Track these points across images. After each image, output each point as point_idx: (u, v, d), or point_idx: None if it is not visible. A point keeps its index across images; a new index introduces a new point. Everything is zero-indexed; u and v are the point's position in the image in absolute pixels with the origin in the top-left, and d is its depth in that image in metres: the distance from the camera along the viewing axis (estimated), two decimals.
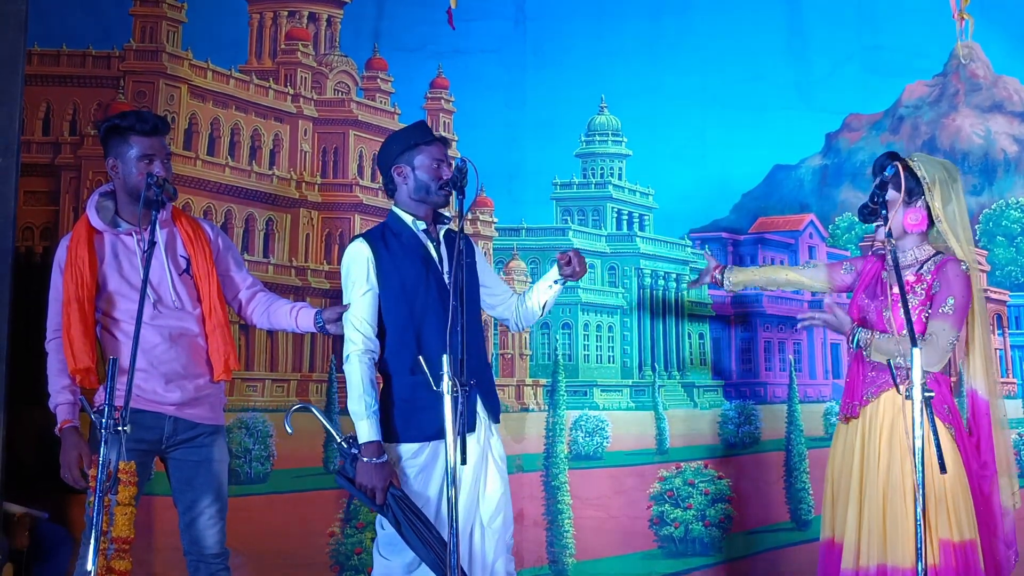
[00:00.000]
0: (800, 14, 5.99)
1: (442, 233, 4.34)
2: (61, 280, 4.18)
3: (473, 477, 4.16)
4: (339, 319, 4.33)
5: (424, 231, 4.29)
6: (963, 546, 4.04)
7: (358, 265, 4.26)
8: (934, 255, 4.25)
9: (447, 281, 4.20)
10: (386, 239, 4.31)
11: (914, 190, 4.24)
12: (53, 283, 4.23)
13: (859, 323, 4.30)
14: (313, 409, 4.44)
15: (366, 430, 4.15)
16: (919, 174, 4.24)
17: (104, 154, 4.30)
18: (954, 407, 4.20)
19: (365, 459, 4.11)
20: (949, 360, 4.27)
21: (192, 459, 4.28)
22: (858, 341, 4.18)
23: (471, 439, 4.08)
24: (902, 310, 4.13)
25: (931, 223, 4.28)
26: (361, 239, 4.32)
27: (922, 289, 4.18)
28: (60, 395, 4.15)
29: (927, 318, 4.15)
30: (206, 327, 4.31)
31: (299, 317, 4.49)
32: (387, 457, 4.15)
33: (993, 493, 4.20)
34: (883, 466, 4.12)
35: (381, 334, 4.26)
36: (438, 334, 4.09)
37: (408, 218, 4.31)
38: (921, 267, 4.25)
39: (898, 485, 4.06)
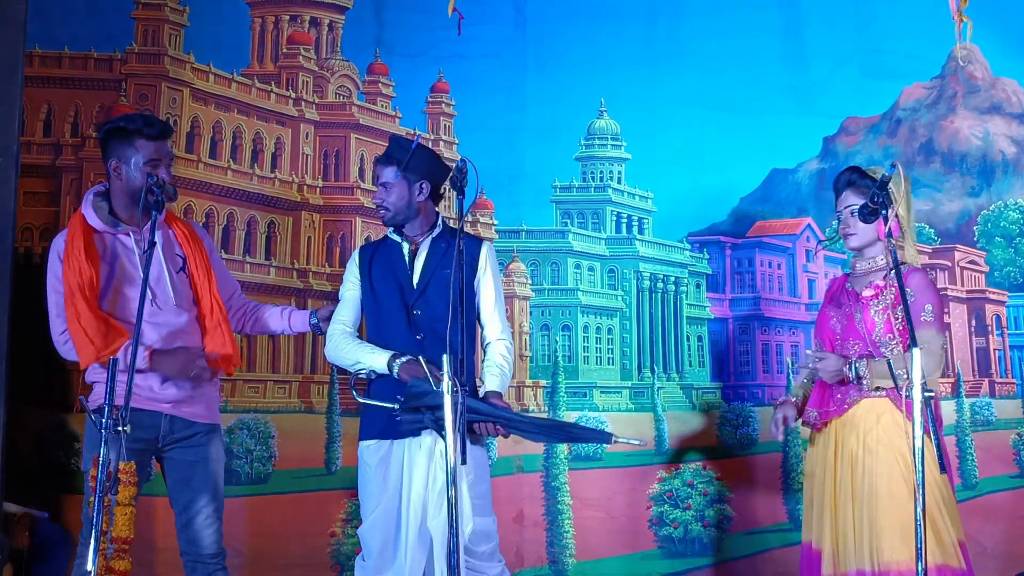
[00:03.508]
0: (797, 18, 6.02)
1: (427, 240, 4.38)
2: (61, 269, 4.17)
3: (425, 478, 4.21)
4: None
5: (402, 238, 4.41)
6: (963, 544, 4.09)
7: (348, 271, 4.50)
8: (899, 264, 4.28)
9: (414, 286, 4.32)
10: (377, 247, 4.48)
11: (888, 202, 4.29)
12: (52, 271, 4.20)
13: (829, 336, 4.36)
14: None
15: (380, 356, 4.24)
16: (892, 187, 4.27)
17: (104, 155, 4.30)
18: (937, 414, 4.22)
19: (399, 361, 4.18)
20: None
21: (189, 459, 4.28)
22: (857, 371, 4.21)
23: (423, 440, 4.17)
24: (875, 311, 4.20)
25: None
26: (360, 247, 4.55)
27: (891, 294, 4.22)
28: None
29: (900, 323, 4.19)
30: (206, 324, 4.33)
31: (292, 318, 4.64)
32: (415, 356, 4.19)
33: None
34: (859, 472, 4.15)
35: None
36: (397, 339, 4.28)
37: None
38: (888, 273, 4.28)
39: (876, 489, 4.09)
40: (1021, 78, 6.03)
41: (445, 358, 3.64)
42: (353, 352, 4.33)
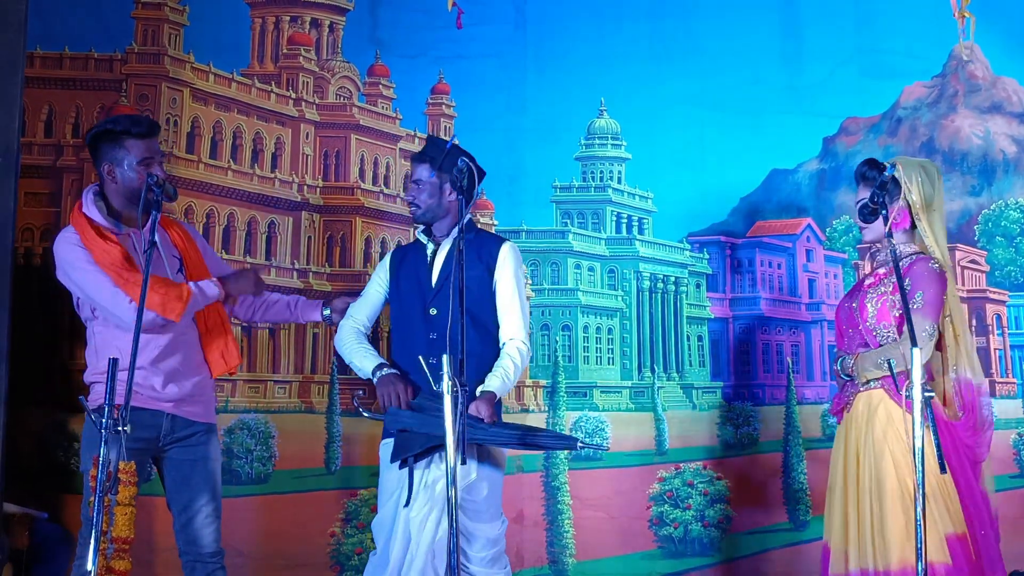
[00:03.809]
0: (797, 18, 6.01)
1: (449, 240, 4.39)
2: (86, 253, 4.11)
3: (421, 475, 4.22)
4: (346, 309, 4.50)
5: (429, 239, 4.41)
6: (963, 538, 4.05)
7: (377, 270, 4.57)
8: (913, 253, 4.29)
9: (432, 286, 4.32)
10: (409, 249, 4.54)
11: (895, 193, 4.29)
12: (76, 256, 4.13)
13: (839, 325, 4.42)
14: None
15: (368, 363, 4.35)
16: (898, 176, 4.28)
17: (95, 160, 4.28)
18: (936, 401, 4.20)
19: (379, 374, 4.27)
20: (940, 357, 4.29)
21: (188, 458, 4.28)
22: (843, 367, 4.26)
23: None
24: (870, 298, 4.21)
25: (913, 223, 4.32)
26: (394, 249, 4.67)
27: (891, 282, 4.21)
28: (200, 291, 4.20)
29: (898, 311, 4.18)
30: (206, 324, 4.33)
31: (300, 308, 4.66)
32: (396, 371, 4.29)
33: (981, 480, 4.21)
34: (863, 469, 4.15)
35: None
36: (414, 338, 4.31)
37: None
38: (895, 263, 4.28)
39: (878, 487, 4.08)
40: (1021, 77, 6.03)
41: (445, 358, 3.64)
42: (351, 352, 4.42)
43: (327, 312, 4.63)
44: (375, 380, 4.29)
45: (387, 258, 4.56)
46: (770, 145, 5.94)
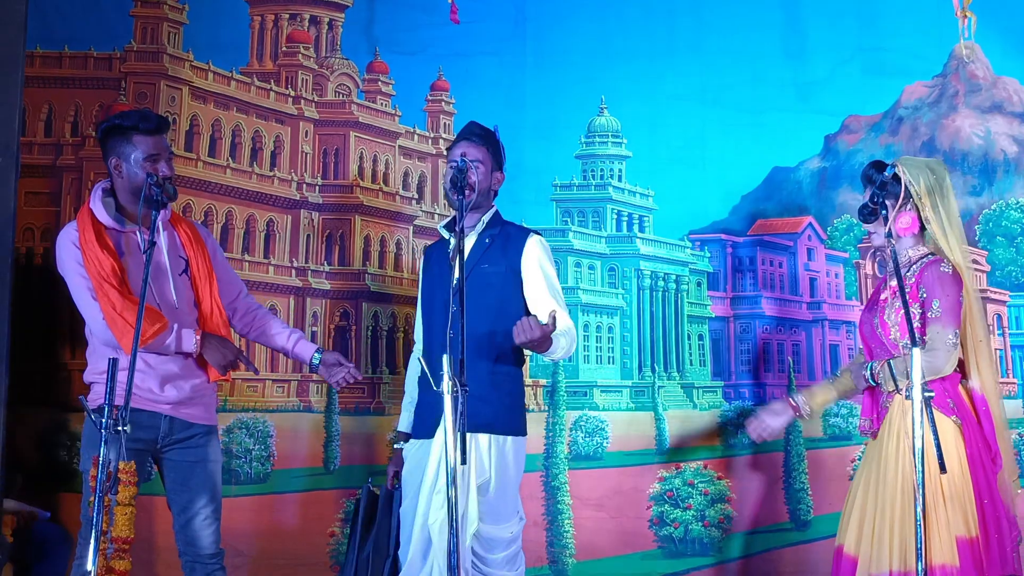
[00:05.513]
0: (799, 15, 6.00)
1: (474, 234, 4.40)
2: (81, 256, 4.12)
3: (433, 478, 4.23)
4: (336, 364, 4.52)
5: (451, 232, 4.38)
6: (974, 542, 4.03)
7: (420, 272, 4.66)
8: (924, 256, 4.27)
9: (453, 284, 4.24)
10: (435, 246, 4.61)
11: (903, 195, 4.26)
12: (71, 257, 4.16)
13: (864, 340, 4.40)
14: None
15: (399, 422, 4.64)
16: (904, 179, 4.25)
17: (104, 155, 4.29)
18: (960, 400, 4.17)
19: (396, 447, 4.59)
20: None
21: (188, 460, 4.28)
22: (872, 373, 4.24)
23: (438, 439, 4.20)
24: (888, 314, 4.18)
25: (923, 225, 4.30)
26: (427, 245, 4.80)
27: (905, 292, 4.18)
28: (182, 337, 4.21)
29: (919, 323, 4.16)
30: (207, 328, 4.32)
31: (298, 346, 4.58)
32: (402, 448, 4.53)
33: (1002, 487, 4.18)
34: (892, 472, 4.13)
35: None
36: (435, 335, 4.36)
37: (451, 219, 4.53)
38: (908, 268, 4.26)
39: (909, 489, 4.05)
40: (1022, 77, 6.02)
41: (445, 358, 3.63)
42: (406, 397, 4.65)
43: (316, 361, 4.55)
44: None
45: (422, 260, 4.67)
46: (771, 143, 5.92)
